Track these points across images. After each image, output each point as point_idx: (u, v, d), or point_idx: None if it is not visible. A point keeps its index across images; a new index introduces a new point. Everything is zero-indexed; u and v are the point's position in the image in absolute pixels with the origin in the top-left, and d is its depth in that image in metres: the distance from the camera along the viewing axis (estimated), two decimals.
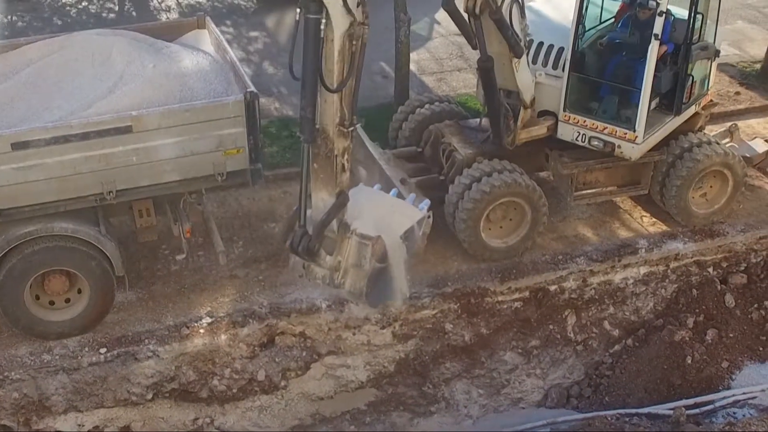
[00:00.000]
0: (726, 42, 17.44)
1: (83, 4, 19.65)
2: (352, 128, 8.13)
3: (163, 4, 19.51)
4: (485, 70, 10.62)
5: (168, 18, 18.58)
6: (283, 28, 18.42)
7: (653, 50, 10.64)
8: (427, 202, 9.63)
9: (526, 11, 11.96)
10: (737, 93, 16.11)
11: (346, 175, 8.33)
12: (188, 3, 19.61)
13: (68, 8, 19.41)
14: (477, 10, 9.88)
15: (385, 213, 8.97)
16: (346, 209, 8.42)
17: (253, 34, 18.19)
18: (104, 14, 19.11)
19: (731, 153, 12.16)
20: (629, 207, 12.88)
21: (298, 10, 7.51)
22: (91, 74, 9.90)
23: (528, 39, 11.39)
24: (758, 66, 16.94)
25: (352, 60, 7.84)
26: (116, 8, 19.51)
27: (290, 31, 7.53)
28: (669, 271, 12.24)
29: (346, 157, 8.23)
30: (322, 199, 8.31)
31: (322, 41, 7.64)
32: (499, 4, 9.99)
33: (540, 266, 11.67)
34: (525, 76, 11.08)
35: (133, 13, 19.20)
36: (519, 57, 10.69)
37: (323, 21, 7.53)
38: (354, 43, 7.78)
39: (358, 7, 7.66)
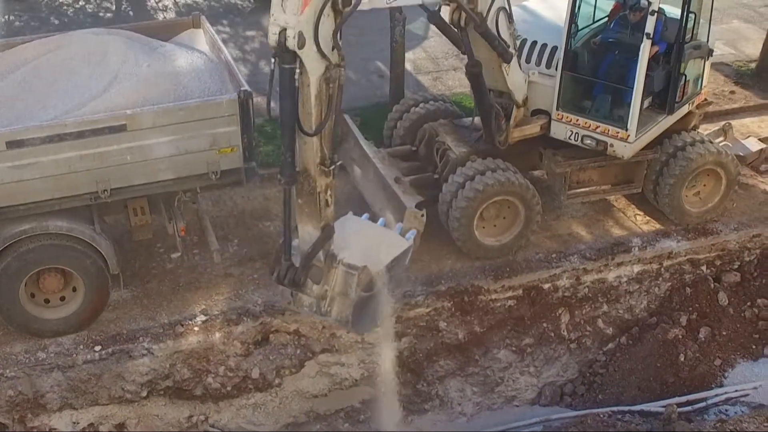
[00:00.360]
0: (721, 41, 17.50)
1: (80, 3, 19.69)
2: (333, 167, 8.17)
3: (160, 4, 19.54)
4: (473, 75, 10.67)
5: (165, 17, 18.62)
6: None
7: (645, 49, 10.68)
8: (413, 232, 9.74)
9: (521, 10, 12.07)
10: (732, 92, 16.16)
11: (330, 209, 8.41)
12: (185, 2, 19.66)
13: (65, 8, 19.45)
14: (462, 23, 9.89)
15: (372, 243, 9.09)
16: (332, 240, 8.52)
17: (250, 33, 18.23)
18: (101, 14, 19.15)
19: (724, 152, 12.20)
20: (623, 205, 12.92)
21: (272, 59, 7.52)
22: (86, 73, 9.92)
23: (521, 39, 11.46)
24: (753, 65, 16.98)
25: (329, 102, 7.84)
26: (113, 8, 19.56)
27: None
28: (662, 269, 12.29)
29: (329, 193, 8.30)
30: (308, 233, 8.42)
31: (298, 88, 7.62)
32: (484, 15, 9.98)
33: (533, 264, 11.71)
34: (516, 79, 11.10)
35: (130, 13, 19.24)
36: (508, 62, 10.69)
37: (297, 71, 7.51)
38: (331, 85, 7.78)
39: (333, 50, 7.64)
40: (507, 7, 10.33)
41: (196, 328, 10.44)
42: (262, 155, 12.73)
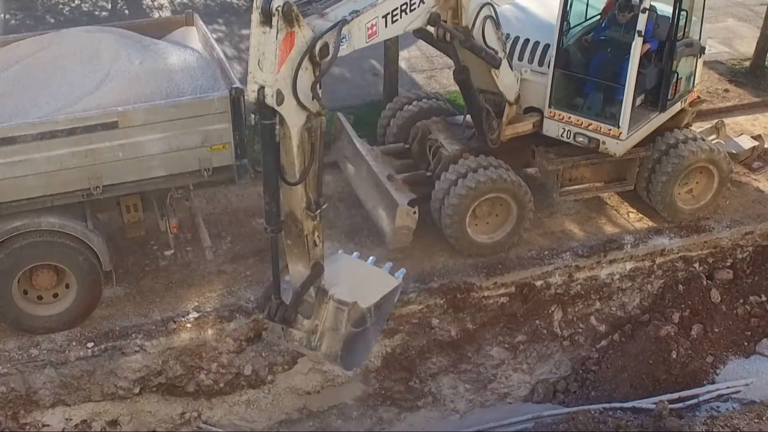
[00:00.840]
0: (716, 39, 17.57)
1: (76, 2, 19.72)
2: (318, 210, 8.22)
3: (155, 2, 19.57)
4: (461, 80, 10.71)
5: (160, 16, 18.64)
6: None
7: (636, 47, 10.70)
8: (402, 271, 9.83)
9: (513, 7, 12.09)
10: (726, 90, 16.20)
11: (318, 248, 8.49)
12: (180, 1, 19.67)
13: (61, 6, 19.48)
14: (447, 39, 9.88)
15: (362, 280, 9.24)
16: (323, 277, 8.63)
17: (245, 32, 18.22)
18: (97, 12, 19.17)
19: (717, 149, 12.22)
20: (615, 203, 12.95)
21: (252, 114, 7.55)
22: (79, 71, 9.95)
23: (514, 37, 11.47)
24: (747, 63, 17.02)
25: (312, 150, 7.87)
26: (109, 6, 19.58)
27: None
28: (655, 266, 12.32)
29: (316, 234, 8.38)
30: (298, 272, 8.53)
31: (279, 142, 7.67)
32: (469, 28, 9.97)
33: (526, 262, 11.73)
34: (507, 81, 11.12)
35: (126, 11, 19.26)
36: (497, 67, 10.71)
37: (278, 126, 7.55)
38: (312, 134, 7.81)
39: (313, 100, 7.66)
40: (493, 14, 10.29)
41: (188, 325, 10.45)
42: (255, 153, 12.74)
